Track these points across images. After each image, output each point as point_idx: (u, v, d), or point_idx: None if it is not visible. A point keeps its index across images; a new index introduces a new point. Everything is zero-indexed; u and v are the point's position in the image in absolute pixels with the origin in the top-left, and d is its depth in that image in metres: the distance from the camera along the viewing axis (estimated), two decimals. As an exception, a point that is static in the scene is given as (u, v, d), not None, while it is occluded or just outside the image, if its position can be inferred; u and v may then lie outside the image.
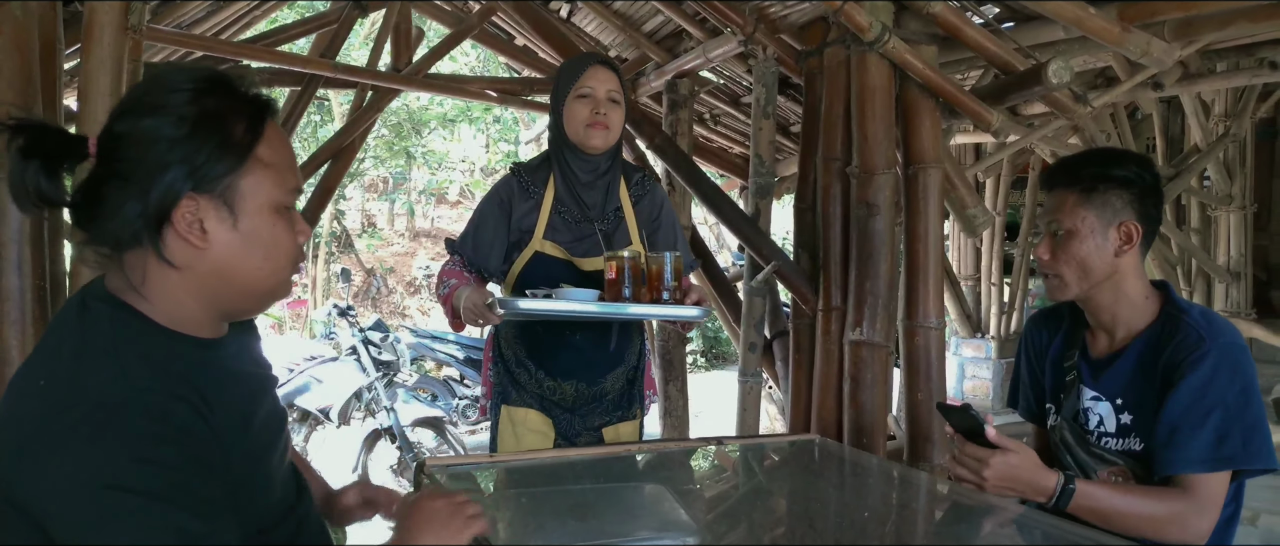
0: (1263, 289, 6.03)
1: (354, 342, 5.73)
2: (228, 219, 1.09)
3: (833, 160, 2.96)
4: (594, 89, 2.26)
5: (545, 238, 2.31)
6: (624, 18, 4.34)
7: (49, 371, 1.04)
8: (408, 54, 4.50)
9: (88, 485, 0.96)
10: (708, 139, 5.42)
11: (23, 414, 1.01)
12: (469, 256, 2.35)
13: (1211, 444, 1.64)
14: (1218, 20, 2.68)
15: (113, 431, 0.98)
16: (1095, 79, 4.38)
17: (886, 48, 2.69)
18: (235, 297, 1.14)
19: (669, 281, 2.11)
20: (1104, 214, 1.75)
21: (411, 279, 13.83)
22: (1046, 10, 2.74)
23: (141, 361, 1.05)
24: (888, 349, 2.81)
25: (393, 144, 13.21)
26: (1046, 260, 1.81)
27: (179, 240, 1.08)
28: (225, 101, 1.09)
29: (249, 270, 1.12)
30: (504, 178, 2.42)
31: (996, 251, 6.88)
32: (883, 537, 1.48)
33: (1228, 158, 5.47)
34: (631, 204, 2.39)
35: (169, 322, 1.10)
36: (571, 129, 2.28)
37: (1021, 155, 6.35)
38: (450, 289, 2.26)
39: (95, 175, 1.07)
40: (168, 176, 1.05)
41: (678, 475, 1.83)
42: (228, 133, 1.08)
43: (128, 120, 1.06)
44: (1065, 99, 2.82)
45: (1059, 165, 1.85)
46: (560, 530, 1.48)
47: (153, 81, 1.08)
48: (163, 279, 1.09)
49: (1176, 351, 1.70)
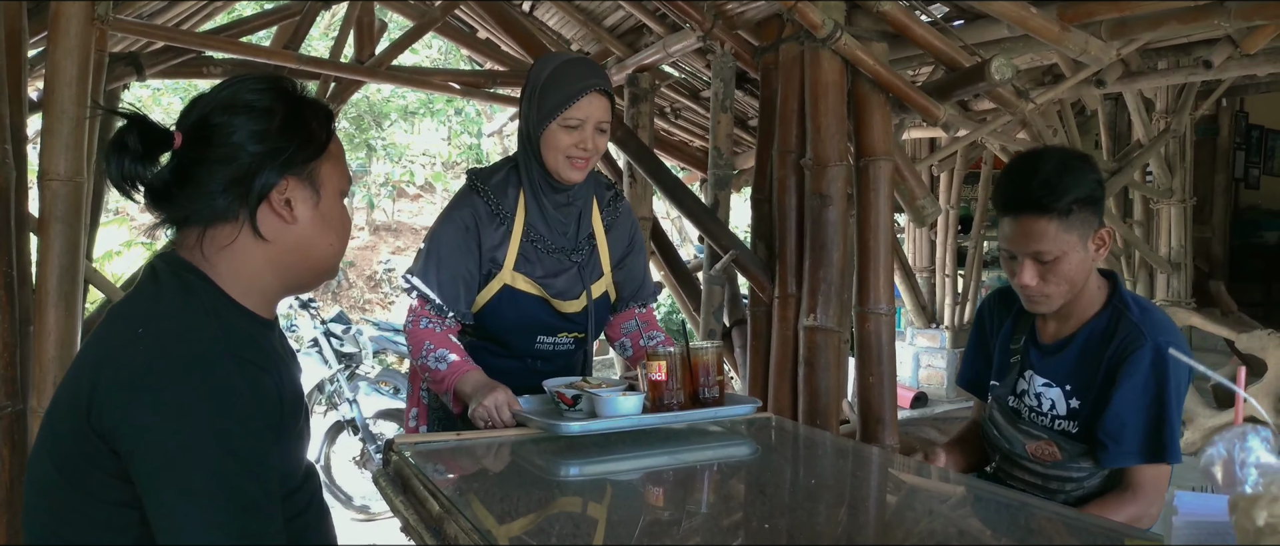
0: (1202, 279, 6.26)
1: (315, 335, 5.73)
2: (312, 198, 1.27)
3: (788, 153, 3.06)
4: (584, 120, 1.98)
5: (516, 270, 2.06)
6: (586, 13, 4.41)
7: (150, 321, 1.16)
8: (370, 46, 4.52)
9: (181, 431, 1.07)
10: (669, 132, 5.50)
11: (126, 354, 1.12)
12: (436, 300, 2.03)
13: (1149, 437, 1.77)
14: (1150, 21, 2.83)
15: (212, 385, 1.10)
16: (1043, 76, 4.53)
17: (839, 44, 2.79)
18: (304, 272, 1.30)
19: (712, 376, 1.89)
20: (1083, 231, 1.82)
21: (372, 273, 13.76)
22: (991, 9, 2.85)
23: (234, 329, 1.18)
24: (841, 334, 2.92)
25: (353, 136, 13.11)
26: (1033, 285, 1.83)
27: (271, 216, 1.24)
28: (302, 103, 1.26)
29: (324, 246, 1.30)
30: (464, 195, 2.10)
31: (950, 243, 7.04)
32: (833, 504, 1.57)
33: (1168, 153, 5.67)
34: (604, 229, 2.18)
35: (238, 297, 1.24)
36: (549, 157, 2.01)
37: (974, 150, 6.52)
38: (449, 367, 1.97)
39: (186, 160, 1.22)
40: (266, 161, 1.21)
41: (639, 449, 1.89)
42: (309, 127, 1.25)
43: (223, 115, 1.21)
44: (1009, 95, 2.94)
45: (1019, 190, 1.82)
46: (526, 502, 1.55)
47: (240, 84, 1.24)
48: (247, 251, 1.24)
49: (1120, 348, 1.81)
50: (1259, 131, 7.69)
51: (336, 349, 5.70)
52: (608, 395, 1.80)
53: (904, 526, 1.52)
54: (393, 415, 5.50)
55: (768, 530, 1.41)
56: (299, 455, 1.31)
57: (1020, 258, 1.84)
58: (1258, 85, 5.95)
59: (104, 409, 1.10)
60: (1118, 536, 1.35)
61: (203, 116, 1.22)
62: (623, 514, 1.56)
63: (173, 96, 10.04)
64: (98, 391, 1.11)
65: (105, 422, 1.10)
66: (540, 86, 2.01)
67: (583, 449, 1.75)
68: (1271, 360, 4.69)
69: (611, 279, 2.21)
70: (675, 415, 1.83)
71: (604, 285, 2.19)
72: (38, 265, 2.30)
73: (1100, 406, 1.82)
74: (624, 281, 2.25)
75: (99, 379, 1.12)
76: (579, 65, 2.04)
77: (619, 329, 2.29)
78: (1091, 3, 2.82)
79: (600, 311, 2.20)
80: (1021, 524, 1.44)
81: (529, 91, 2.05)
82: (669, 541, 1.40)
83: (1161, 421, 1.76)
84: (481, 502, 1.51)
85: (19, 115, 2.39)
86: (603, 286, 2.19)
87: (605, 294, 2.20)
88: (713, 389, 1.89)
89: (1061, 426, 1.91)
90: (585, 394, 1.85)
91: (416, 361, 2.06)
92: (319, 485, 1.39)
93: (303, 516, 1.29)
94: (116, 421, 1.09)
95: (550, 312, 2.10)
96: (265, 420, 1.15)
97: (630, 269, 2.25)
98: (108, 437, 1.10)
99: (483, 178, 2.11)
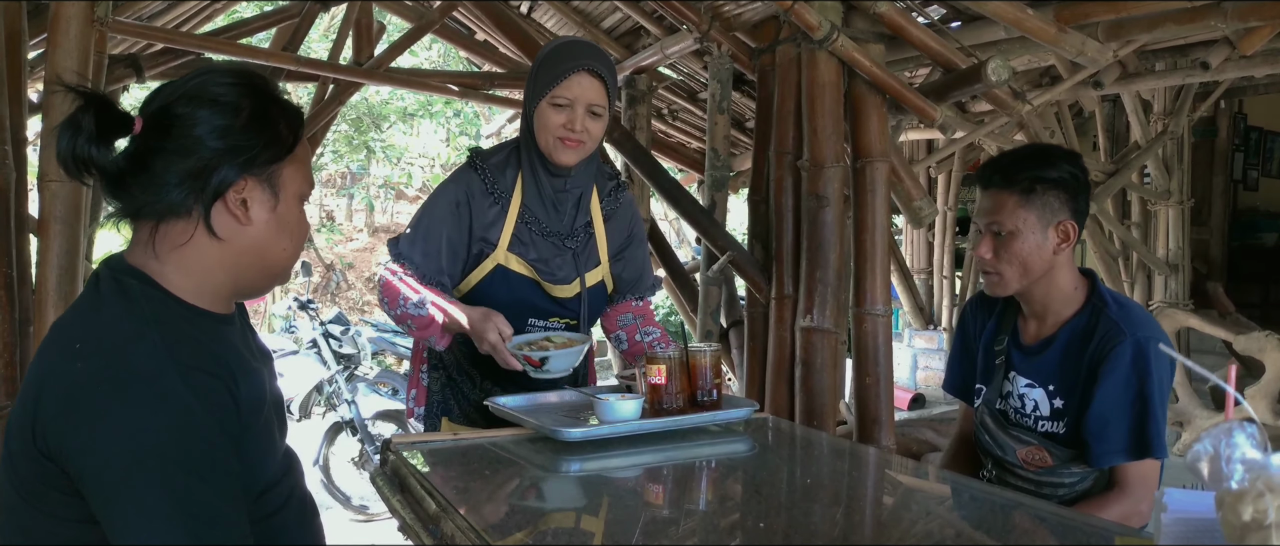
0: (1200, 281, 6.26)
1: (314, 336, 5.74)
2: (270, 201, 1.23)
3: (785, 154, 3.07)
4: (573, 100, 1.97)
5: (510, 250, 2.06)
6: (583, 15, 4.42)
7: (88, 335, 1.13)
8: (369, 48, 4.53)
9: (126, 451, 1.04)
10: (666, 134, 5.51)
11: (65, 373, 1.09)
12: (417, 265, 2.03)
13: (1134, 434, 1.76)
14: (1146, 22, 2.83)
15: (155, 400, 1.07)
16: (1040, 78, 4.55)
17: (835, 46, 2.80)
18: (257, 274, 1.26)
19: (710, 379, 1.90)
20: (1043, 214, 1.84)
21: (370, 274, 13.77)
22: (987, 11, 2.86)
23: (180, 337, 1.14)
24: (837, 335, 2.93)
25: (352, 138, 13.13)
26: (988, 258, 1.89)
27: (226, 215, 1.20)
28: (272, 102, 1.23)
29: (278, 249, 1.26)
30: (461, 170, 2.11)
31: (948, 245, 7.06)
32: (829, 504, 1.58)
33: (1166, 154, 5.68)
34: (603, 219, 2.17)
35: (190, 297, 1.20)
36: (541, 136, 2.01)
37: (971, 151, 6.53)
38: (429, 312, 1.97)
39: (143, 148, 1.17)
40: (225, 158, 1.17)
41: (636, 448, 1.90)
42: (276, 128, 1.21)
43: (187, 105, 1.17)
44: (1005, 96, 2.95)
45: (993, 165, 1.92)
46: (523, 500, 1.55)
47: (209, 75, 1.19)
48: (200, 250, 1.20)
49: (1100, 346, 1.80)
50: (1258, 133, 7.70)
51: (335, 350, 5.71)
52: (607, 400, 1.80)
53: (900, 526, 1.53)
54: (391, 415, 5.51)
55: (763, 529, 1.42)
56: (267, 453, 1.27)
57: (982, 231, 1.89)
58: (1256, 87, 5.96)
59: (48, 430, 1.08)
60: (1108, 535, 1.36)
61: (166, 104, 1.18)
62: (620, 513, 1.57)
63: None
64: (40, 410, 1.09)
65: (50, 444, 1.07)
66: (537, 67, 2.03)
67: (580, 448, 1.75)
68: (1269, 362, 4.69)
69: (609, 269, 2.20)
70: (674, 420, 1.84)
71: (600, 274, 2.18)
72: (37, 266, 2.31)
73: (1084, 405, 1.82)
74: (622, 272, 2.24)
75: (41, 397, 1.10)
76: (576, 46, 2.04)
77: (615, 321, 2.29)
78: (1088, 4, 2.83)
79: (595, 300, 2.19)
80: (1015, 523, 1.45)
81: (530, 73, 2.06)
82: (667, 541, 1.41)
83: (1145, 417, 1.76)
84: (478, 501, 1.52)
85: (19, 117, 2.40)
86: (598, 275, 2.18)
87: (602, 283, 2.19)
88: (710, 392, 1.90)
89: (1045, 428, 1.90)
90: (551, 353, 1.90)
91: (395, 311, 2.05)
92: (299, 480, 1.37)
93: (279, 514, 1.27)
94: (61, 442, 1.07)
95: (541, 295, 2.10)
96: (218, 427, 1.11)
97: (629, 260, 2.24)
98: (55, 458, 1.07)
99: (483, 156, 2.11)
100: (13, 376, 2.22)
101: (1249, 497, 0.69)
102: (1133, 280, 5.92)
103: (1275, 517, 0.67)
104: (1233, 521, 0.71)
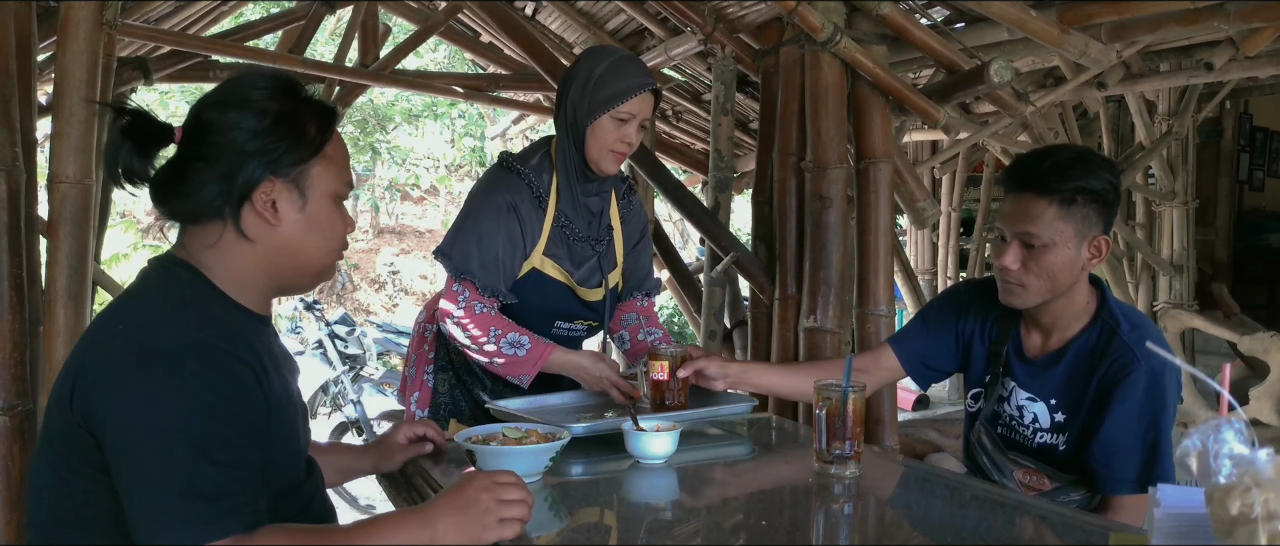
0: (1206, 282, 6.25)
1: (320, 336, 5.77)
2: (298, 201, 1.25)
3: (788, 155, 3.08)
4: (634, 115, 2.00)
5: (546, 255, 2.08)
6: (588, 16, 4.44)
7: (130, 317, 1.18)
8: (375, 50, 4.56)
9: (142, 422, 1.08)
10: (670, 135, 5.53)
11: (103, 346, 1.14)
12: (479, 280, 2.01)
13: (1144, 466, 1.68)
14: (1149, 23, 2.84)
15: (178, 374, 1.10)
16: (1044, 79, 4.55)
17: (838, 47, 2.81)
18: (293, 273, 1.29)
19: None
20: (1081, 227, 1.70)
21: (376, 276, 13.81)
22: (990, 12, 2.87)
23: (215, 320, 1.18)
24: (841, 335, 2.94)
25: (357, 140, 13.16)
26: (1013, 269, 1.73)
27: (255, 216, 1.23)
28: (300, 103, 1.25)
29: (310, 248, 1.28)
30: (501, 175, 2.08)
31: (952, 246, 7.05)
32: (833, 503, 1.59)
33: (1170, 155, 5.67)
34: (620, 221, 2.22)
35: (231, 292, 1.24)
36: (593, 147, 2.01)
37: (976, 152, 6.53)
38: (530, 350, 1.99)
39: (181, 157, 1.23)
40: (250, 161, 1.20)
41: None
42: (303, 129, 1.24)
43: (215, 111, 1.22)
44: (1008, 97, 2.96)
45: (1029, 168, 1.74)
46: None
47: (238, 81, 1.24)
48: (234, 250, 1.24)
49: (1111, 371, 1.70)
50: (1263, 134, 7.68)
51: (341, 351, 5.74)
52: (640, 434, 1.70)
53: (902, 526, 1.54)
54: (397, 416, 5.52)
55: (767, 528, 1.43)
56: (291, 455, 1.30)
57: (1009, 238, 1.74)
58: (1262, 87, 5.94)
59: (82, 399, 1.13)
60: (1103, 534, 1.37)
61: (198, 113, 1.23)
62: (624, 512, 1.59)
63: (180, 100, 10.10)
64: (79, 379, 1.14)
65: (83, 410, 1.13)
66: (595, 78, 2.00)
67: (583, 448, 1.77)
68: (1274, 362, 4.67)
69: (622, 269, 2.25)
70: (675, 415, 1.86)
71: (617, 276, 2.24)
72: (47, 266, 2.33)
73: (1090, 429, 1.73)
74: (630, 272, 2.28)
75: (80, 372, 1.15)
76: (635, 63, 2.08)
77: (619, 321, 2.31)
78: (1091, 5, 2.83)
79: (612, 301, 2.24)
80: (1016, 523, 1.46)
81: (581, 82, 2.01)
82: (670, 540, 1.42)
83: (1156, 450, 1.68)
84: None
85: (29, 119, 2.42)
86: (616, 276, 2.23)
87: (616, 284, 2.24)
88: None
89: (1043, 440, 1.81)
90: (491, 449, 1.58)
91: (480, 345, 2.01)
92: (319, 486, 1.40)
93: (300, 518, 1.30)
94: (90, 409, 1.12)
95: (572, 300, 2.13)
96: (241, 408, 1.14)
97: (637, 260, 2.28)
98: (88, 427, 1.12)
99: (519, 160, 2.10)
100: (22, 376, 2.24)
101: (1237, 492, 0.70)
102: (1137, 281, 5.91)
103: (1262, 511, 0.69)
104: (1221, 515, 0.72)
